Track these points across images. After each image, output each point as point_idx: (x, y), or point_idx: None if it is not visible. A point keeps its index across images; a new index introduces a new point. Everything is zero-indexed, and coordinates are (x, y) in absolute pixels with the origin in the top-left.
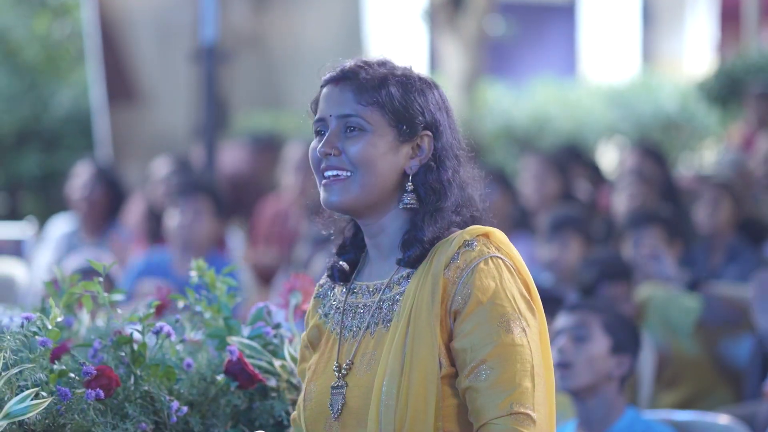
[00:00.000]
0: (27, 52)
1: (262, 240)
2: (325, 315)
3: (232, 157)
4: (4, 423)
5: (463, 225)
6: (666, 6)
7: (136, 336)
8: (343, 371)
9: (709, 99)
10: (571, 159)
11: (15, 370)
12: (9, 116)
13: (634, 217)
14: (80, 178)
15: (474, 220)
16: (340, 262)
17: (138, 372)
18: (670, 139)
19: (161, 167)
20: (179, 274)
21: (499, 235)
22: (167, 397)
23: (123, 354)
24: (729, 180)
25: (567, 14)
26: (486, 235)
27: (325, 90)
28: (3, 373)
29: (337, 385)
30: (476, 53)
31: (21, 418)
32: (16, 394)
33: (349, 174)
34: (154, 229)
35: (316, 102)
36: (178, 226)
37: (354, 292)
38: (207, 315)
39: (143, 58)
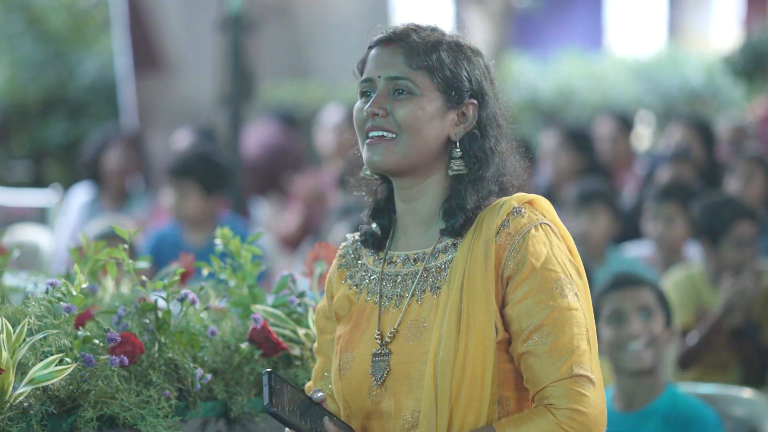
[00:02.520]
0: (53, 20)
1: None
2: (356, 285)
3: (264, 133)
4: (28, 388)
5: (500, 195)
6: None
7: (161, 303)
8: (386, 339)
9: (735, 73)
10: (625, 128)
11: (39, 336)
12: (34, 84)
13: (654, 191)
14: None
15: (512, 190)
16: (373, 227)
17: (162, 339)
18: (695, 112)
19: (183, 138)
20: (190, 243)
21: (543, 202)
22: (191, 365)
23: (147, 321)
24: (762, 154)
25: None
26: (531, 203)
27: (374, 51)
28: (27, 339)
29: (381, 353)
30: (502, 26)
31: (45, 383)
32: (41, 360)
33: (394, 136)
34: None
35: (363, 62)
36: (170, 206)
37: (391, 262)
38: (231, 283)
39: (169, 27)
